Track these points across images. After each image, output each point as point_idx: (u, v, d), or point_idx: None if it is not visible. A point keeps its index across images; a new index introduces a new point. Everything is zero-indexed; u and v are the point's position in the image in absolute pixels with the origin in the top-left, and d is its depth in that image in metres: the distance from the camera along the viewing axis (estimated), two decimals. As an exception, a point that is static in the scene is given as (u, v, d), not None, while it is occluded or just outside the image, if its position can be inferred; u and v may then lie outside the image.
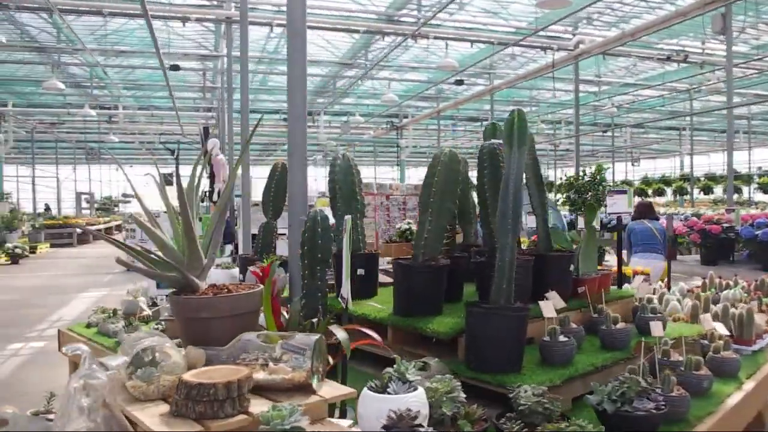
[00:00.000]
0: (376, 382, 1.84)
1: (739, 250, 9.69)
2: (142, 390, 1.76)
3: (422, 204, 2.90)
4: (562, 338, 2.52)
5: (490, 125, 3.47)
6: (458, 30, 11.39)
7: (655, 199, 20.45)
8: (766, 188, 18.19)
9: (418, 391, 1.80)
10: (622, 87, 15.34)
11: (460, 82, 14.46)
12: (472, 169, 3.46)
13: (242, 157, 2.14)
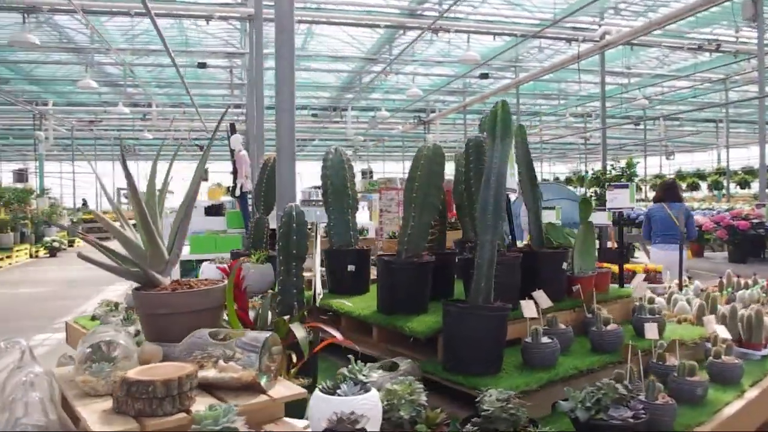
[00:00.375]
0: (329, 383, 1.79)
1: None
2: (91, 385, 1.75)
3: (405, 199, 2.84)
4: (544, 340, 2.42)
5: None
6: (480, 23, 11.20)
7: (693, 194, 19.79)
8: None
9: (370, 393, 1.74)
10: (653, 78, 14.85)
11: (485, 76, 14.23)
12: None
13: (207, 152, 2.11)
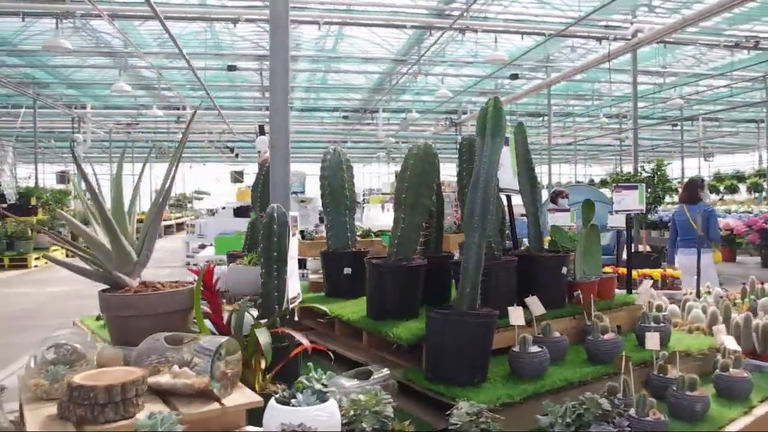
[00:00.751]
0: (288, 392, 1.71)
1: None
2: (44, 389, 1.72)
3: (396, 200, 2.74)
4: (533, 349, 2.29)
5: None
6: (509, 22, 10.99)
7: (734, 197, 19.00)
8: None
9: (327, 403, 1.66)
10: (690, 78, 14.31)
11: (515, 77, 13.98)
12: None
13: (178, 153, 2.06)
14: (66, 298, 9.32)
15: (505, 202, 3.13)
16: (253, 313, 2.40)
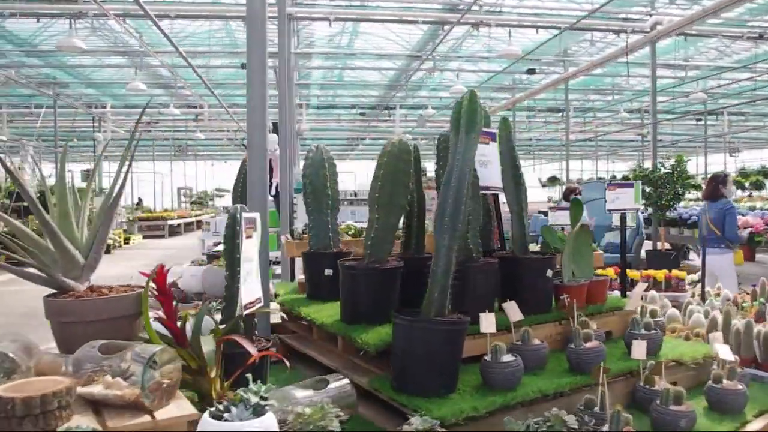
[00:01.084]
0: (224, 405, 1.61)
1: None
2: (-29, 399, 1.64)
3: (370, 200, 2.63)
4: (506, 358, 2.16)
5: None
6: (523, 16, 10.76)
7: (761, 193, 18.40)
8: None
9: (264, 417, 1.56)
10: (712, 71, 13.85)
11: (531, 71, 13.71)
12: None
13: (126, 152, 1.98)
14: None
15: (503, 200, 3.01)
16: (218, 317, 2.33)
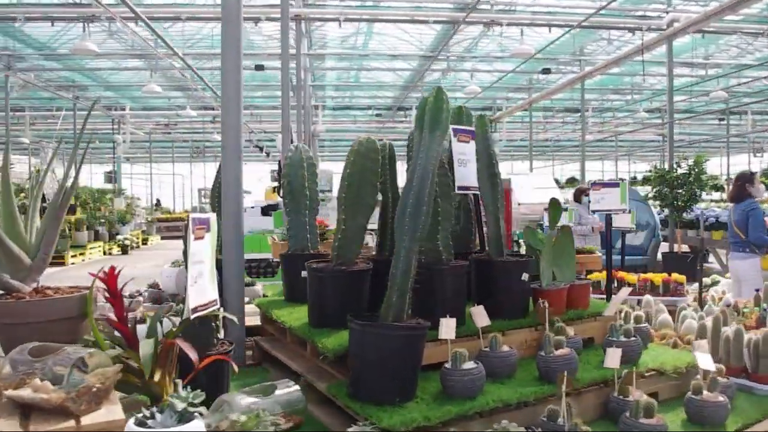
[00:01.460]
0: (151, 411, 1.56)
1: None
2: None
3: (337, 200, 2.56)
4: (467, 365, 2.06)
5: (457, 109, 3.03)
6: (536, 14, 10.59)
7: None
8: None
9: (190, 424, 1.50)
10: (734, 69, 13.46)
11: (547, 71, 13.50)
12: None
13: (74, 153, 1.94)
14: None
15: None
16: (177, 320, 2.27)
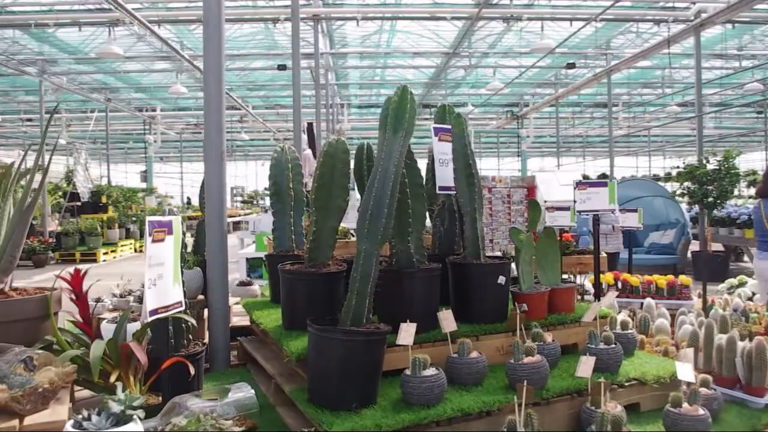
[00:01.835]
0: (88, 413, 1.55)
1: None
2: None
3: (310, 202, 2.53)
4: (427, 372, 2.01)
5: (440, 108, 2.97)
6: (556, 9, 10.36)
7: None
8: None
9: (126, 426, 1.49)
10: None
11: (571, 66, 13.19)
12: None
13: (40, 152, 1.95)
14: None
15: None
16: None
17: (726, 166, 9.68)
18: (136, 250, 17.06)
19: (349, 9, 10.73)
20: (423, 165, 2.82)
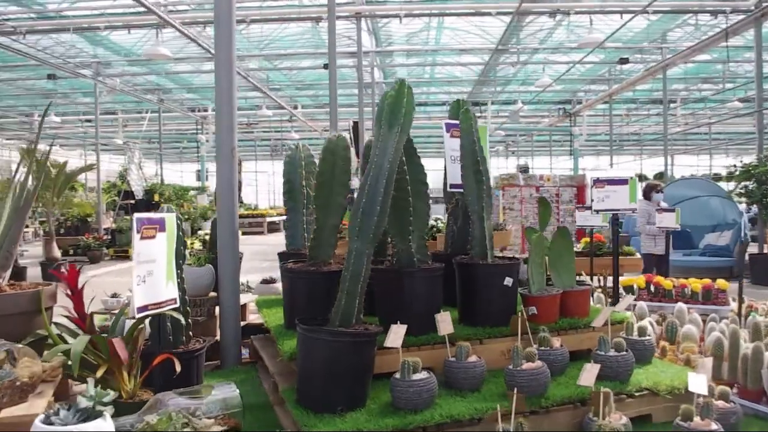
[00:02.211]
0: (58, 408, 1.56)
1: None
2: None
3: (313, 200, 2.49)
4: (417, 376, 1.94)
5: (455, 103, 2.89)
6: (605, 1, 9.96)
7: None
8: None
9: (95, 422, 1.49)
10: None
11: (624, 61, 12.69)
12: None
13: (31, 153, 1.99)
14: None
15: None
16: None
17: (788, 165, 9.12)
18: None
19: (392, 6, 10.67)
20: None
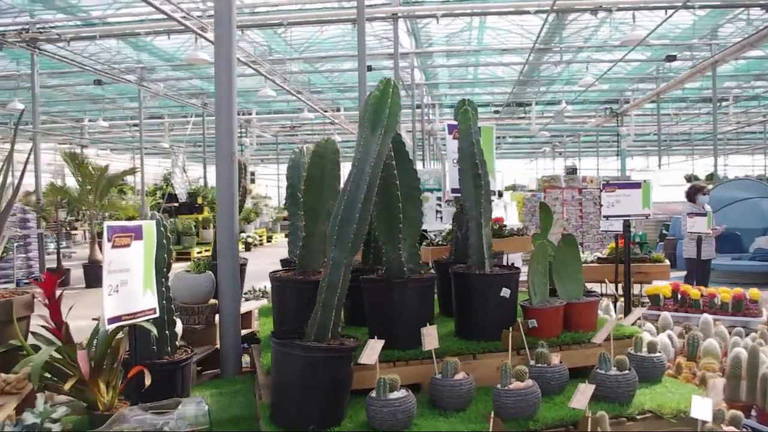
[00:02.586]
0: (3, 424, 1.52)
1: None
2: None
3: (302, 205, 2.40)
4: (394, 395, 1.82)
5: (460, 102, 2.76)
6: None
7: None
8: None
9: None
10: None
11: (671, 58, 12.14)
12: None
13: (10, 156, 1.98)
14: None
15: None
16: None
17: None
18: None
19: (429, 6, 10.54)
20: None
